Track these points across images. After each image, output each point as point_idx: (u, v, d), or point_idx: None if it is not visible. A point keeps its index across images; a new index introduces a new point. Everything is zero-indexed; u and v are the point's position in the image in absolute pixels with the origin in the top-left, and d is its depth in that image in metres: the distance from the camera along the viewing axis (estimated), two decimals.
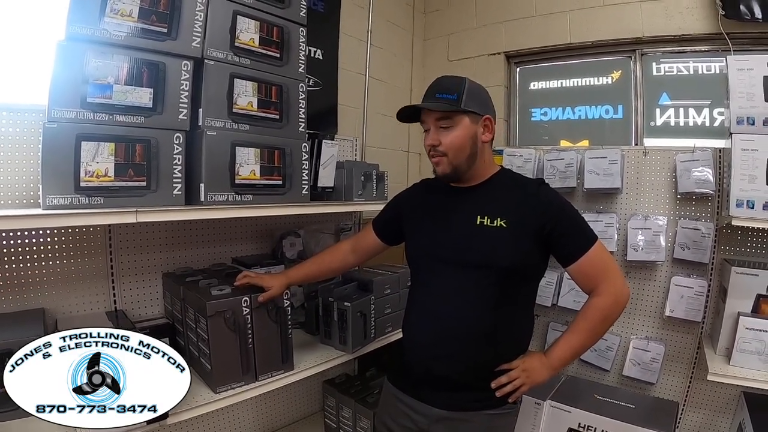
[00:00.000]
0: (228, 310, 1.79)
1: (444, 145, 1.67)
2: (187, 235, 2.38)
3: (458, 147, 1.67)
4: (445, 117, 1.66)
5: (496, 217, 1.65)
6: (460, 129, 1.67)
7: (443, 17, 4.12)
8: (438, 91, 1.66)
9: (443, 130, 1.67)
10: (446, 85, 1.68)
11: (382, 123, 3.68)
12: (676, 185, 2.79)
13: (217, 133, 1.90)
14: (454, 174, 1.71)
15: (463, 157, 1.69)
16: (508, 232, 1.63)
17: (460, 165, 1.69)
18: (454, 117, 1.66)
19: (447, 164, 1.69)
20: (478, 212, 1.69)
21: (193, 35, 1.87)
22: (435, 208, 1.83)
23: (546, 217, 1.63)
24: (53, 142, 1.56)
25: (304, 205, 2.23)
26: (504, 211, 1.66)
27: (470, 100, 1.66)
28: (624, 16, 3.22)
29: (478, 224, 1.67)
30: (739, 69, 2.31)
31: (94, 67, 1.64)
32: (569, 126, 3.67)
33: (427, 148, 1.72)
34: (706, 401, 2.75)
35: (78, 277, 2.02)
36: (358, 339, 2.33)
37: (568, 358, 1.75)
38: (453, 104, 1.64)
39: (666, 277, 2.82)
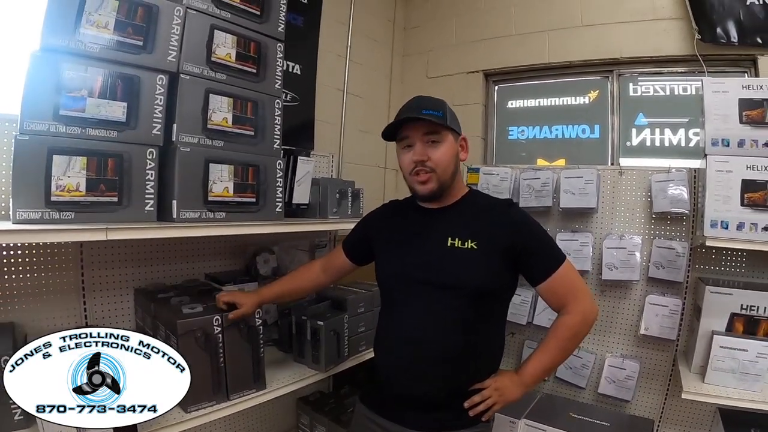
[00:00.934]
0: (199, 329, 1.77)
1: (433, 161, 1.65)
2: (159, 250, 2.34)
3: (447, 162, 1.67)
4: (434, 132, 1.66)
5: (466, 239, 1.66)
6: (447, 145, 1.68)
7: (423, 33, 4.15)
8: (424, 108, 1.65)
9: (431, 145, 1.66)
10: (431, 103, 1.68)
11: (360, 139, 3.68)
12: (652, 205, 2.81)
13: (190, 149, 1.89)
14: (439, 192, 1.70)
15: (449, 174, 1.69)
16: (478, 254, 1.64)
17: (445, 182, 1.69)
18: (442, 132, 1.67)
19: (435, 181, 1.67)
20: (448, 234, 1.69)
21: (169, 49, 1.87)
22: (405, 229, 1.82)
23: (515, 237, 1.65)
24: (24, 155, 1.54)
25: (277, 224, 2.21)
26: (474, 233, 1.66)
27: (452, 119, 1.70)
28: (602, 37, 3.27)
29: (449, 246, 1.67)
30: (715, 91, 2.34)
31: (68, 79, 1.63)
32: (546, 145, 3.70)
33: (412, 165, 1.69)
34: (682, 418, 2.76)
35: (48, 292, 1.98)
36: (331, 357, 2.31)
37: (539, 376, 1.77)
38: (441, 120, 1.64)
39: (641, 296, 2.84)
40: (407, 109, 1.69)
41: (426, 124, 1.64)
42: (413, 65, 4.20)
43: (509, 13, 3.66)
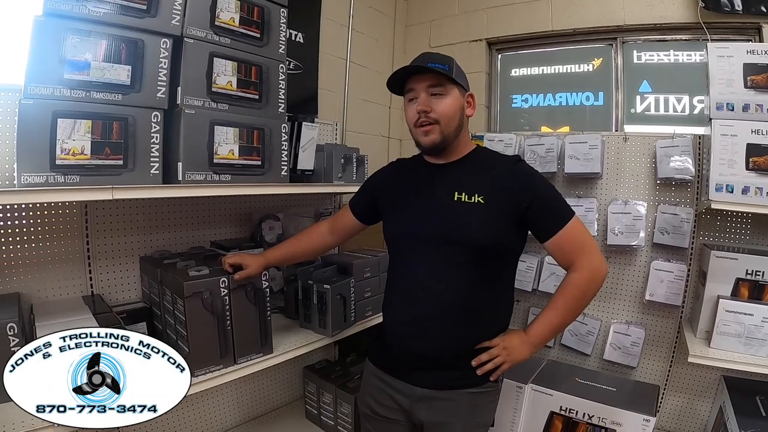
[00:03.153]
0: (206, 291, 1.77)
1: (436, 112, 1.65)
2: (165, 217, 2.34)
3: (450, 115, 1.66)
4: (438, 84, 1.65)
5: (473, 194, 1.65)
6: (452, 98, 1.67)
7: (425, 3, 4.11)
8: (430, 61, 1.64)
9: (435, 97, 1.65)
10: (437, 57, 1.67)
11: (363, 108, 3.68)
12: (656, 171, 2.81)
13: (195, 112, 1.89)
14: (443, 144, 1.69)
15: (453, 127, 1.68)
16: (485, 208, 1.63)
17: (449, 135, 1.68)
18: (447, 85, 1.66)
19: (438, 133, 1.67)
20: (455, 188, 1.68)
21: (173, 13, 1.85)
22: (412, 185, 1.82)
23: (523, 193, 1.63)
24: (29, 119, 1.54)
25: (282, 185, 2.22)
26: (481, 188, 1.65)
27: (458, 74, 1.68)
28: (606, 4, 3.24)
29: (455, 200, 1.67)
30: (719, 56, 2.34)
31: (71, 43, 1.62)
32: (550, 112, 3.69)
33: (415, 117, 1.68)
34: (687, 384, 2.78)
35: (54, 261, 1.98)
36: (338, 322, 2.32)
37: (547, 335, 1.75)
38: (447, 73, 1.63)
39: (646, 262, 2.85)
40: (414, 61, 1.68)
41: (431, 75, 1.64)
42: (416, 35, 4.17)
43: None
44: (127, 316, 1.96)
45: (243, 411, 2.79)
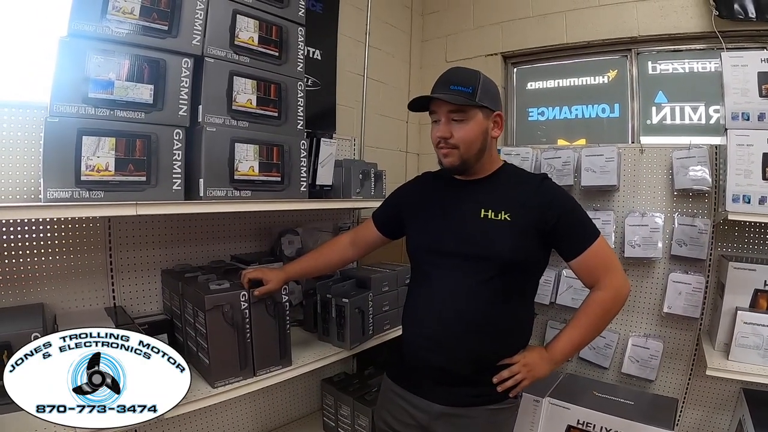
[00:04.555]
0: (226, 305, 1.81)
1: (456, 139, 1.65)
2: (186, 232, 2.39)
3: (470, 141, 1.65)
4: (458, 110, 1.64)
5: (500, 211, 1.65)
6: (473, 123, 1.65)
7: (441, 19, 4.14)
8: (453, 83, 1.64)
9: (456, 122, 1.65)
10: (461, 78, 1.66)
11: (380, 123, 3.71)
12: (673, 182, 2.80)
13: (216, 130, 1.93)
14: (462, 167, 1.70)
15: (473, 151, 1.68)
16: (511, 226, 1.63)
17: (469, 158, 1.68)
18: (468, 111, 1.64)
19: (457, 157, 1.67)
20: (482, 205, 1.68)
21: (194, 33, 1.91)
22: (439, 200, 1.82)
23: (550, 211, 1.63)
24: (55, 136, 1.58)
25: (302, 201, 2.25)
26: (508, 205, 1.66)
27: (484, 95, 1.65)
28: (619, 16, 3.24)
29: (482, 217, 1.67)
30: (734, 65, 2.32)
31: (95, 63, 1.67)
32: (566, 125, 3.68)
33: (436, 140, 1.69)
34: (706, 398, 2.75)
35: (77, 273, 2.03)
36: (356, 335, 2.34)
37: (569, 352, 1.76)
38: (468, 98, 1.61)
39: (664, 274, 2.83)
40: (438, 84, 1.68)
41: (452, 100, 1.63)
42: (432, 50, 4.19)
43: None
44: (149, 327, 1.99)
45: (260, 422, 2.81)
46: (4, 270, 1.84)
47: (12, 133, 1.83)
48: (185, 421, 2.40)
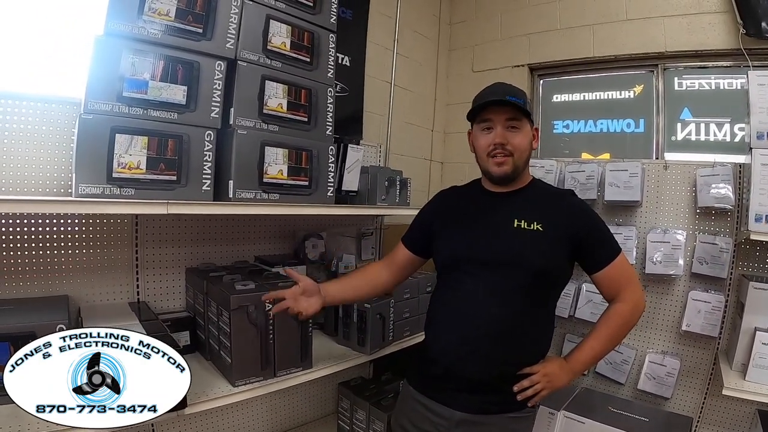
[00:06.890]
0: (251, 305, 1.83)
1: (512, 145, 1.69)
2: (211, 231, 2.42)
3: (523, 149, 1.72)
4: (516, 118, 1.69)
5: (532, 222, 1.69)
6: (526, 132, 1.73)
7: (468, 28, 4.15)
8: (508, 94, 1.68)
9: (511, 130, 1.70)
10: (514, 90, 1.73)
11: (406, 131, 3.74)
12: (696, 200, 2.79)
13: (247, 133, 1.96)
14: (513, 175, 1.74)
15: (523, 159, 1.74)
16: (543, 235, 1.67)
17: (519, 167, 1.74)
18: (522, 120, 1.71)
19: (511, 165, 1.71)
20: (515, 216, 1.72)
21: (228, 37, 1.94)
22: (470, 211, 1.84)
23: (579, 225, 1.70)
24: (88, 133, 1.62)
25: (329, 206, 2.27)
26: (540, 217, 1.70)
27: (530, 109, 1.72)
28: (647, 31, 3.24)
29: (515, 227, 1.70)
30: (761, 84, 2.32)
31: (130, 62, 1.71)
32: (591, 139, 3.68)
33: (491, 147, 1.72)
34: (721, 418, 2.73)
35: (103, 267, 2.07)
36: (376, 341, 2.36)
37: (589, 363, 1.80)
38: (524, 108, 1.69)
39: (684, 292, 2.82)
40: (491, 93, 1.72)
41: (510, 109, 1.68)
42: (459, 59, 4.20)
43: (554, 8, 3.65)
44: (172, 324, 2.03)
45: (276, 423, 2.83)
46: (31, 261, 1.88)
47: (44, 128, 1.87)
48: (204, 418, 2.43)
